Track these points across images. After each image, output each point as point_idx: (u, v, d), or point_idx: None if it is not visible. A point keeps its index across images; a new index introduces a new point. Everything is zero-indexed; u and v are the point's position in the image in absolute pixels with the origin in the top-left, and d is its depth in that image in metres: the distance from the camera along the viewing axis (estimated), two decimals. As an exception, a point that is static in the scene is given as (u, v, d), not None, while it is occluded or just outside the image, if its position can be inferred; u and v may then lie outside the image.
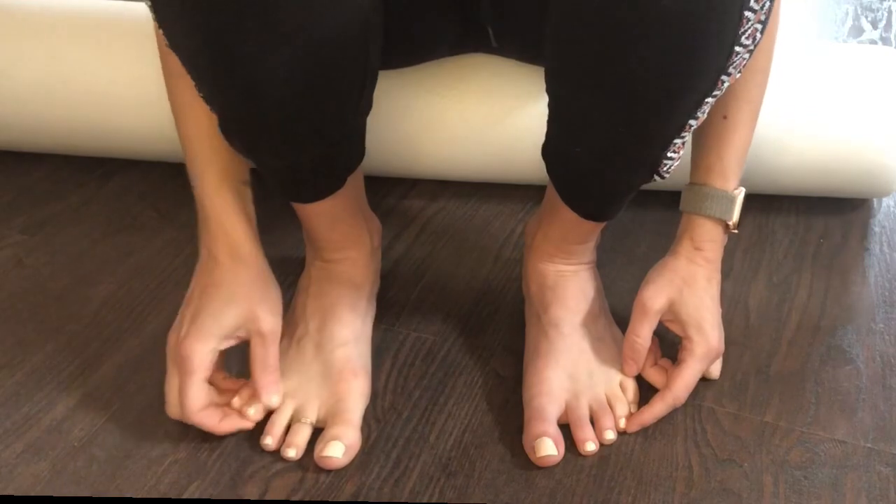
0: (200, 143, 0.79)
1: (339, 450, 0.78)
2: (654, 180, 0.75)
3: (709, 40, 0.63)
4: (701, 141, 0.84)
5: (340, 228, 0.87)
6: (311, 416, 0.81)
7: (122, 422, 0.83)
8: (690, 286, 0.83)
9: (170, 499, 0.77)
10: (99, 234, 1.05)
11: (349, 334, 0.85)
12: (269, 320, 0.79)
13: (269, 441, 0.80)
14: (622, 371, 0.84)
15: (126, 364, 0.88)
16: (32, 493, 0.77)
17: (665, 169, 0.74)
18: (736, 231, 0.85)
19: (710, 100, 0.68)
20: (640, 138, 0.71)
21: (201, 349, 0.77)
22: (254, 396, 0.80)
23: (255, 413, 0.80)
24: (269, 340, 0.79)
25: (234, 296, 0.78)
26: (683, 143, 0.72)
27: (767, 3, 0.63)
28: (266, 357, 0.79)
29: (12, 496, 0.76)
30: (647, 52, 0.63)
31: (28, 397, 0.85)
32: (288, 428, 0.81)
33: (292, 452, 0.79)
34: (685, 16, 0.61)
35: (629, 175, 0.76)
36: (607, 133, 0.70)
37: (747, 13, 0.62)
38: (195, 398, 0.78)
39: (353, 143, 0.79)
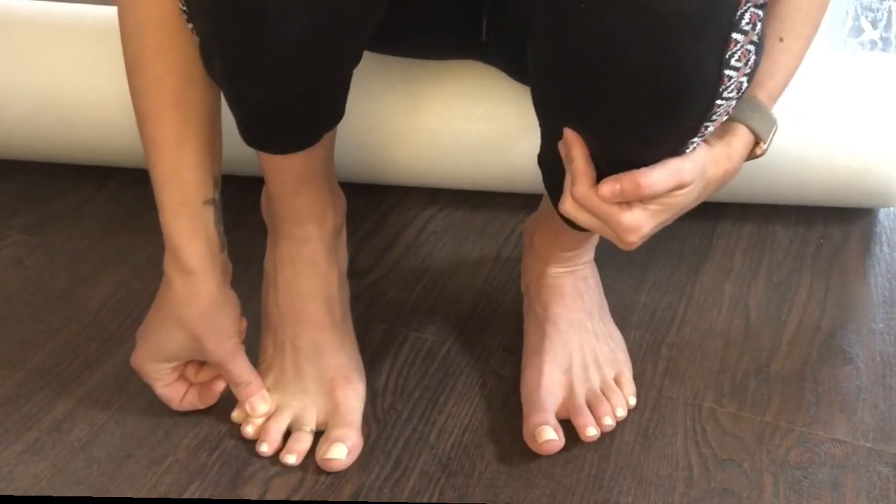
0: (162, 161, 0.76)
1: (342, 451, 0.78)
2: None
3: (691, 85, 0.62)
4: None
5: (304, 194, 0.84)
6: (311, 423, 0.81)
7: (122, 422, 0.83)
8: (715, 167, 0.72)
9: (170, 499, 0.77)
10: (99, 234, 1.05)
11: (332, 338, 0.84)
12: (218, 350, 0.79)
13: (266, 448, 0.79)
14: (572, 188, 0.71)
15: (126, 364, 0.88)
16: (32, 493, 0.77)
17: None
18: (760, 154, 0.77)
19: (708, 124, 0.67)
20: (629, 167, 0.70)
21: (147, 367, 0.80)
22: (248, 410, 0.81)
23: (252, 430, 0.81)
24: (226, 365, 0.79)
25: (179, 324, 0.77)
26: None
27: (759, 25, 0.63)
28: (233, 378, 0.80)
29: (12, 496, 0.76)
30: (629, 99, 0.63)
31: (28, 397, 0.85)
32: (286, 434, 0.81)
33: (292, 459, 0.79)
34: (663, 67, 0.61)
35: None
36: (594, 159, 0.70)
37: (736, 35, 0.62)
38: (168, 399, 0.82)
39: (337, 94, 0.77)
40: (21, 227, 1.06)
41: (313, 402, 0.81)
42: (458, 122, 1.02)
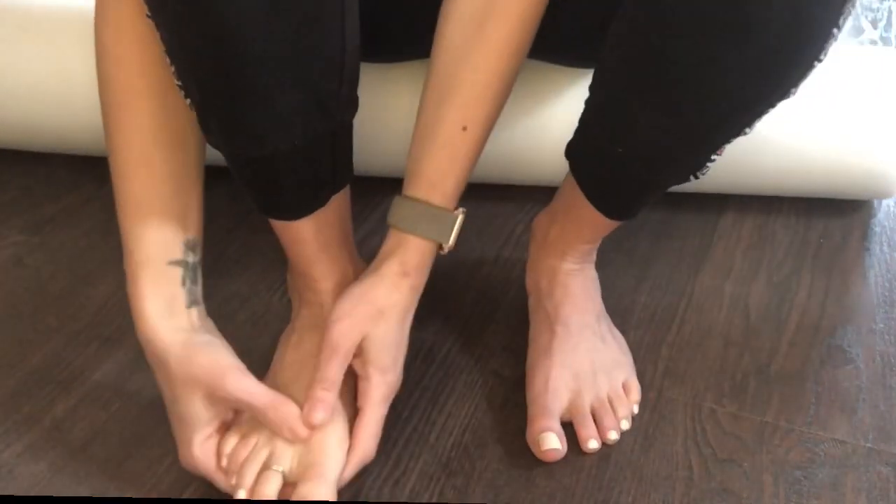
0: (126, 219, 0.75)
1: None
2: (689, 181, 0.75)
3: (804, 50, 0.61)
4: (427, 149, 0.76)
5: (322, 262, 0.82)
6: (284, 463, 0.74)
7: (122, 422, 0.83)
8: (388, 319, 0.76)
9: (170, 499, 0.77)
10: (99, 234, 1.05)
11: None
12: (226, 399, 0.73)
13: (243, 494, 0.73)
14: (304, 422, 0.74)
15: (126, 364, 0.88)
16: (32, 493, 0.77)
17: (704, 172, 0.74)
18: (444, 252, 0.78)
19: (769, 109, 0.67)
20: (695, 146, 0.69)
21: (194, 461, 0.74)
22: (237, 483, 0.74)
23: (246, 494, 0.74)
24: (237, 396, 0.73)
25: (177, 384, 0.73)
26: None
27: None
28: (253, 407, 0.74)
29: (12, 496, 0.76)
30: (744, 60, 0.60)
31: (28, 397, 0.85)
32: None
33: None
34: (790, 23, 0.59)
35: (669, 177, 0.75)
36: (660, 138, 0.68)
37: (834, 30, 0.61)
38: (222, 486, 0.75)
39: (338, 148, 0.75)
40: (21, 227, 1.06)
41: (289, 444, 0.75)
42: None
